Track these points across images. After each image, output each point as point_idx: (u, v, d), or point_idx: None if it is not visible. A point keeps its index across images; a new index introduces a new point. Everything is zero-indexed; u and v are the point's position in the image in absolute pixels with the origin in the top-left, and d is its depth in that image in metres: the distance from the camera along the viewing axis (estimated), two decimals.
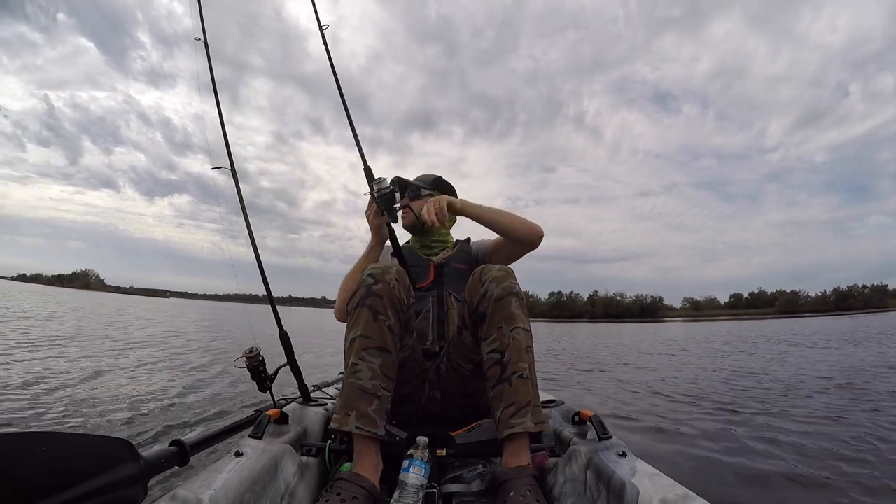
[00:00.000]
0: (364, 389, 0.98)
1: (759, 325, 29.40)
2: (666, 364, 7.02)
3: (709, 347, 10.36)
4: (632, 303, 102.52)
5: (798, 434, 2.55)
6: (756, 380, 4.83)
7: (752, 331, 19.05)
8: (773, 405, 3.41)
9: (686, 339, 14.09)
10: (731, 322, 44.84)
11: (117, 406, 2.96)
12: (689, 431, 2.72)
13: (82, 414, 2.71)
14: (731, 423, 2.91)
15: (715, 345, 11.10)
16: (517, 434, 0.97)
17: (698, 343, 12.09)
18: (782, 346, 9.74)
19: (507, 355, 1.02)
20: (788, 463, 2.09)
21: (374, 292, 1.04)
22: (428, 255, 1.55)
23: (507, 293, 1.06)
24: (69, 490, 0.61)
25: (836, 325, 22.91)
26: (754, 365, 6.34)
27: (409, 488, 0.92)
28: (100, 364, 4.68)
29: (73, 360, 4.77)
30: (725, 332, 19.25)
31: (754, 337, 14.05)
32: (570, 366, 6.90)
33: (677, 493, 0.77)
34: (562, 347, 11.27)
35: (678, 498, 0.76)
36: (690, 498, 0.76)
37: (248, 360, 1.41)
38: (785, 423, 2.80)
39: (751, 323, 36.71)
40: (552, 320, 78.29)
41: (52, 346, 5.86)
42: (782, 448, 2.31)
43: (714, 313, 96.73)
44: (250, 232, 1.55)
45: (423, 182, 1.62)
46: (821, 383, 4.41)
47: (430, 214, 1.27)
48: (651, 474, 0.86)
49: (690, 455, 2.27)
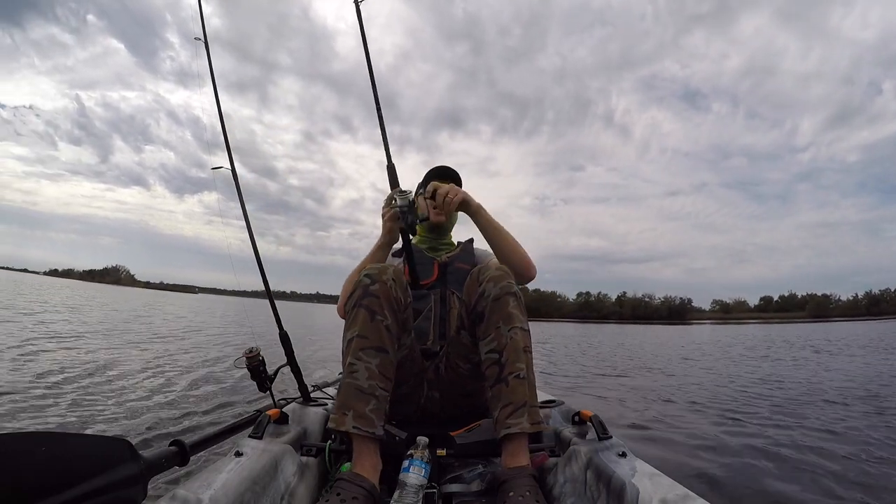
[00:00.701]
0: (361, 389, 0.98)
1: (788, 329, 28.96)
2: (681, 368, 6.95)
3: (730, 352, 10.15)
4: (660, 304, 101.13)
5: (803, 445, 2.53)
6: (768, 387, 4.75)
7: (779, 335, 18.80)
8: (781, 413, 3.37)
9: (710, 343, 13.81)
10: (760, 326, 43.88)
11: (118, 406, 2.95)
12: (691, 433, 2.72)
13: (84, 412, 2.71)
14: (734, 427, 2.90)
15: (736, 350, 10.89)
16: (515, 434, 0.97)
17: (721, 347, 11.88)
18: (805, 352, 9.55)
19: (505, 355, 1.02)
20: (790, 467, 2.09)
21: (371, 292, 1.04)
22: (433, 256, 1.55)
23: (504, 293, 1.06)
24: (69, 490, 0.61)
25: (867, 330, 22.51)
26: (771, 372, 6.24)
27: (409, 488, 0.92)
28: (113, 357, 4.71)
29: (89, 353, 4.79)
30: (752, 336, 18.94)
31: (779, 342, 13.86)
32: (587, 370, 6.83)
33: (677, 493, 0.77)
34: (581, 351, 10.92)
35: (678, 498, 0.76)
36: (690, 498, 0.76)
37: (248, 360, 1.41)
38: (790, 432, 2.79)
39: (780, 327, 36.02)
40: (580, 321, 77.28)
41: (74, 339, 5.88)
42: (785, 454, 2.30)
43: (743, 316, 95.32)
44: (250, 231, 1.55)
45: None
46: (837, 394, 4.27)
47: (447, 196, 1.26)
48: (651, 474, 0.86)
49: (691, 455, 2.27)
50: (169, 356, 5.48)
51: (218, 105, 1.64)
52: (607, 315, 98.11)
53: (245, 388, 3.64)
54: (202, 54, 1.67)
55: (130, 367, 4.40)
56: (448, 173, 1.53)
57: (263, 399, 1.49)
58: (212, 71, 1.65)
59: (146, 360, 4.95)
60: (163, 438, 2.30)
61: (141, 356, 5.13)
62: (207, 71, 1.65)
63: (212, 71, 1.65)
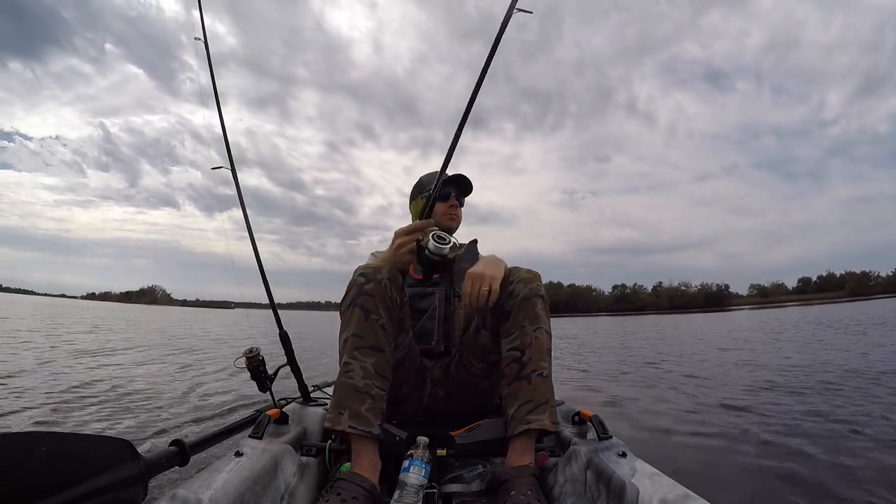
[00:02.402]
0: (356, 388, 0.98)
1: (827, 309, 28.10)
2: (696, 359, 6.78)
3: (754, 339, 9.64)
4: (697, 292, 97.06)
5: (810, 438, 2.48)
6: (783, 376, 4.53)
7: (815, 316, 18.44)
8: (793, 404, 3.26)
9: (741, 330, 13.31)
10: (799, 308, 42.03)
11: (119, 406, 2.96)
12: (692, 432, 2.71)
13: (86, 413, 2.71)
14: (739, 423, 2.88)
15: (757, 336, 10.43)
16: (528, 432, 0.98)
17: (750, 332, 11.47)
18: (837, 334, 9.15)
19: (528, 354, 1.03)
20: (792, 466, 2.08)
21: (366, 291, 1.04)
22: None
23: (533, 294, 1.08)
24: (69, 490, 0.61)
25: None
26: (790, 359, 5.98)
27: (409, 488, 0.92)
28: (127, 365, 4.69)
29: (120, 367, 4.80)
30: (788, 319, 18.55)
31: (813, 324, 13.57)
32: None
33: (677, 493, 0.77)
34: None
35: (678, 498, 0.76)
36: (690, 498, 0.76)
37: (248, 360, 1.41)
38: (797, 427, 2.75)
39: (819, 308, 34.50)
40: (617, 314, 75.68)
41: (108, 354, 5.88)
42: (788, 451, 2.29)
43: (782, 299, 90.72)
44: (250, 232, 1.55)
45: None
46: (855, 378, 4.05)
47: (479, 296, 1.06)
48: (651, 474, 0.86)
49: (691, 455, 2.27)
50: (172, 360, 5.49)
51: (218, 105, 1.64)
52: (644, 307, 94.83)
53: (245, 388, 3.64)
54: (202, 55, 1.67)
55: (134, 371, 4.40)
56: (464, 184, 1.48)
57: (263, 399, 1.50)
58: (211, 71, 1.66)
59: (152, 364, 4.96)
60: (162, 438, 2.30)
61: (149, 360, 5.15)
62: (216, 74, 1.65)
63: (211, 71, 1.66)
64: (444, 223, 1.45)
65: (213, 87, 1.64)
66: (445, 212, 1.45)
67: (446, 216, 1.45)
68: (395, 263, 1.11)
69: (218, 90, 1.63)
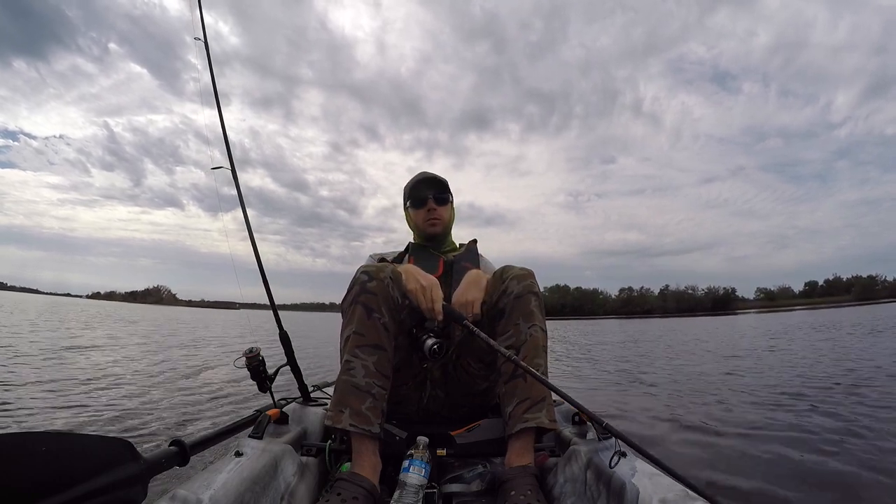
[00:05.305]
0: (357, 387, 0.98)
1: (832, 313, 28.07)
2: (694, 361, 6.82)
3: (756, 343, 9.68)
4: (703, 296, 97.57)
5: (810, 438, 2.49)
6: (779, 378, 4.60)
7: (818, 320, 18.57)
8: (787, 406, 3.30)
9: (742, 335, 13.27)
10: (805, 312, 41.52)
11: (119, 406, 2.96)
12: (692, 432, 2.71)
13: (87, 413, 2.71)
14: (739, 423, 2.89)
15: (759, 341, 10.41)
16: (527, 430, 0.97)
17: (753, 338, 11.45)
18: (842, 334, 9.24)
19: (523, 351, 1.03)
20: (792, 466, 2.08)
21: (369, 290, 1.04)
22: (438, 254, 1.54)
23: (527, 291, 1.08)
24: (69, 490, 0.61)
25: None
26: (788, 361, 6.03)
27: (409, 488, 0.92)
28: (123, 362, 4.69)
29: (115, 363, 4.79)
30: (790, 323, 18.55)
31: (818, 326, 13.67)
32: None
33: (677, 493, 0.77)
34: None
35: (678, 498, 0.76)
36: (690, 498, 0.76)
37: (248, 360, 1.41)
38: (791, 427, 2.77)
39: (825, 312, 34.32)
40: (624, 317, 75.65)
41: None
42: (784, 451, 2.30)
43: (789, 303, 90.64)
44: (250, 232, 1.55)
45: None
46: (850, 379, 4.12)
47: (468, 309, 1.11)
48: (651, 474, 0.86)
49: (691, 455, 2.27)
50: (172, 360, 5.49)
51: (218, 105, 1.64)
52: (651, 310, 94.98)
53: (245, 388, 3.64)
54: (203, 55, 1.67)
55: (134, 370, 4.40)
56: (437, 181, 1.43)
57: (263, 399, 1.50)
58: (212, 71, 1.65)
59: (150, 364, 4.96)
60: (163, 438, 2.30)
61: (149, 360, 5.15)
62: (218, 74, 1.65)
63: (212, 71, 1.65)
64: (427, 231, 1.43)
65: (214, 87, 1.64)
66: (425, 218, 1.42)
67: (427, 223, 1.42)
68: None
69: (220, 90, 1.62)
